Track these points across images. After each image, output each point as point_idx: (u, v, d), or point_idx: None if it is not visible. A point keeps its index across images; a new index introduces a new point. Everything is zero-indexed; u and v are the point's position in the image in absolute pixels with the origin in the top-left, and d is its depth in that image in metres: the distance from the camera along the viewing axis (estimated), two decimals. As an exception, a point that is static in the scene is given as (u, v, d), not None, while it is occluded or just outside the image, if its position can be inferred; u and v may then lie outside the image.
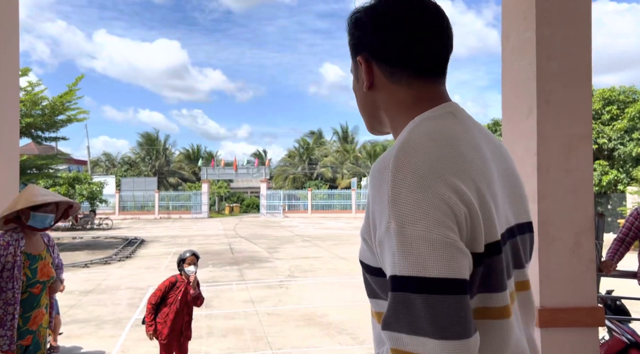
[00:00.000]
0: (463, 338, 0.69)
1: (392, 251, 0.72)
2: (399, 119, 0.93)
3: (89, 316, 7.03)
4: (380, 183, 0.77)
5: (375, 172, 0.79)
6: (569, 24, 2.32)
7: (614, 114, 20.00)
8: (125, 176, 42.53)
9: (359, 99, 1.01)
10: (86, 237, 20.43)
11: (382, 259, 0.77)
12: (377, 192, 0.77)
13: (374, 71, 0.95)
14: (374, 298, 0.88)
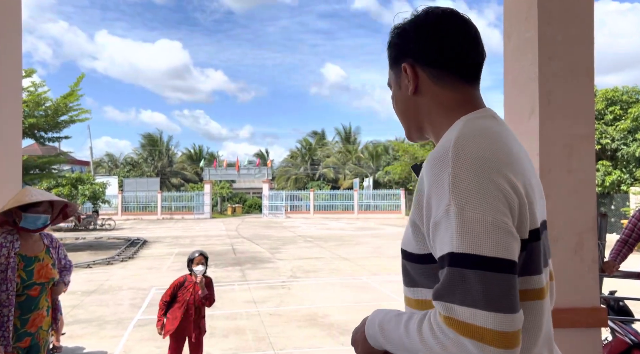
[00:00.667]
0: (510, 312, 0.77)
1: (451, 231, 0.81)
2: (442, 122, 1.00)
3: (91, 317, 7.05)
4: (439, 170, 0.85)
5: (433, 161, 0.87)
6: (571, 23, 2.32)
7: (617, 114, 19.94)
8: (127, 176, 42.61)
9: (401, 105, 1.08)
10: (89, 237, 20.47)
11: (434, 241, 0.85)
12: (435, 179, 0.85)
13: (419, 76, 1.02)
14: (413, 286, 0.97)
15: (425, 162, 0.90)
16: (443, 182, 0.83)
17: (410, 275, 0.96)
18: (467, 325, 0.77)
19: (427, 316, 0.85)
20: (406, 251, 0.95)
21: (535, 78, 2.32)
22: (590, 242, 2.32)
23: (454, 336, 0.78)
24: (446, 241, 0.82)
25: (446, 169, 0.84)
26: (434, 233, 0.84)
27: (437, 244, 0.84)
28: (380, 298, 8.06)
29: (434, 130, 1.03)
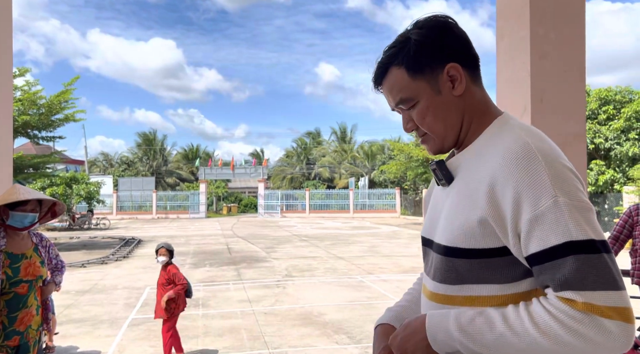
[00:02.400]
0: (624, 288, 0.84)
1: (564, 221, 0.84)
2: (483, 121, 1.04)
3: (85, 316, 7.02)
4: (529, 166, 0.88)
5: (516, 158, 0.90)
6: (563, 23, 2.33)
7: (611, 114, 20.05)
8: (122, 176, 42.45)
9: (443, 111, 1.04)
10: (83, 237, 20.38)
11: (530, 235, 0.87)
12: (526, 175, 0.88)
13: (464, 76, 1.03)
14: (460, 283, 0.98)
15: (501, 160, 0.92)
16: (539, 177, 0.87)
17: (458, 272, 0.98)
18: (605, 308, 0.80)
19: (542, 307, 0.84)
20: (460, 248, 0.96)
21: (527, 77, 2.33)
22: (581, 240, 2.34)
23: (590, 321, 0.80)
24: (560, 231, 0.84)
25: (538, 164, 0.88)
26: (531, 227, 0.86)
27: (540, 237, 0.85)
28: (375, 297, 8.08)
29: (475, 131, 1.05)
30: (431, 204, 1.15)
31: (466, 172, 1.01)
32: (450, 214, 1.01)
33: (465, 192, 0.98)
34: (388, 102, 1.10)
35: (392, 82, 1.06)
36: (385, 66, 1.07)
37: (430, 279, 1.07)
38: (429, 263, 1.10)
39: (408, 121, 1.07)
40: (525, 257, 0.90)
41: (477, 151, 1.02)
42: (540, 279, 0.89)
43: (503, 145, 0.94)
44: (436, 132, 1.05)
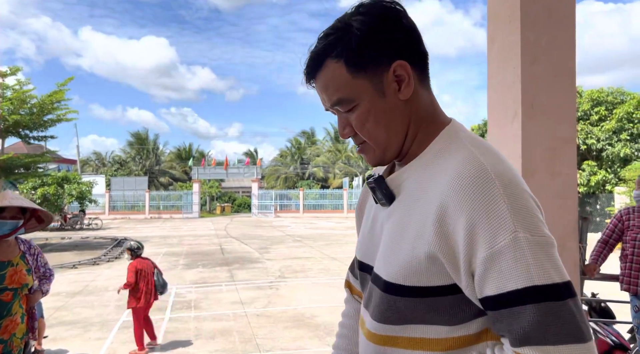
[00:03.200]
0: (591, 338, 0.71)
1: (525, 262, 0.71)
2: (429, 131, 0.89)
3: (76, 318, 6.96)
4: (483, 195, 0.74)
5: (470, 185, 0.75)
6: (554, 28, 2.33)
7: (603, 115, 20.20)
8: (115, 175, 42.21)
9: (386, 117, 0.87)
10: (75, 237, 20.24)
11: (485, 276, 0.74)
12: (481, 203, 0.74)
13: (411, 76, 0.87)
14: (403, 323, 0.85)
15: (452, 185, 0.77)
16: (497, 207, 0.73)
17: (400, 311, 0.84)
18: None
19: None
20: (403, 285, 0.82)
21: (518, 81, 2.33)
22: (571, 245, 2.34)
23: None
24: (519, 274, 0.71)
25: (496, 191, 0.74)
26: (487, 267, 0.73)
27: (496, 279, 0.73)
28: (368, 298, 8.07)
29: (421, 141, 0.89)
30: (369, 222, 0.99)
31: (410, 194, 0.86)
32: (392, 243, 0.86)
33: (409, 220, 0.83)
34: (322, 101, 0.92)
35: (327, 78, 0.87)
36: (320, 58, 0.88)
37: (369, 315, 0.92)
38: (367, 295, 0.95)
39: (345, 126, 0.90)
40: (480, 299, 0.77)
41: (422, 168, 0.87)
42: (497, 327, 0.77)
43: (454, 165, 0.80)
44: (377, 141, 0.88)
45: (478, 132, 25.73)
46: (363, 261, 1.00)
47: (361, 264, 1.01)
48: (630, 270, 3.28)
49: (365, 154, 0.92)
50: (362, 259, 1.00)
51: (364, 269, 0.99)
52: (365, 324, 0.94)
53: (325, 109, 0.93)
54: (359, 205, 1.13)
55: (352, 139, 0.93)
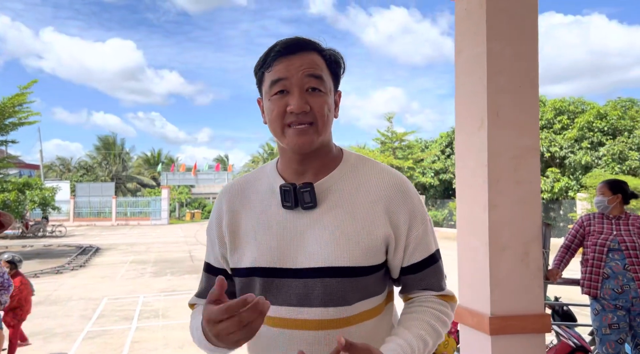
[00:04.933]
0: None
1: (431, 235, 1.13)
2: (331, 144, 1.15)
3: (37, 329, 6.71)
4: (413, 194, 1.11)
5: (404, 188, 1.10)
6: (517, 40, 2.41)
7: (565, 123, 20.94)
8: (81, 181, 40.96)
9: (329, 125, 1.08)
10: (37, 245, 19.53)
11: (416, 246, 1.09)
12: (413, 201, 1.10)
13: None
14: (367, 297, 1.06)
15: (391, 187, 1.09)
16: (419, 202, 1.11)
17: (357, 290, 1.04)
18: (453, 296, 1.16)
19: (438, 308, 1.11)
20: (365, 266, 1.03)
21: (484, 91, 2.39)
22: (535, 250, 2.41)
23: (452, 306, 1.15)
24: (430, 242, 1.12)
25: (415, 192, 1.12)
26: (419, 240, 1.09)
27: (423, 248, 1.10)
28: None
29: (327, 150, 1.12)
30: (273, 229, 1.07)
31: (345, 196, 1.07)
32: (342, 235, 1.02)
33: (355, 215, 1.05)
34: (294, 67, 1.03)
35: (318, 60, 1.06)
36: (318, 48, 1.07)
37: (310, 309, 1.02)
38: (298, 293, 1.03)
39: (306, 102, 1.02)
40: (406, 266, 1.10)
41: (345, 177, 1.10)
42: (421, 284, 1.13)
43: (381, 175, 1.10)
44: (323, 128, 1.05)
45: (446, 139, 26.22)
46: (276, 266, 1.05)
47: (269, 270, 1.05)
48: (591, 274, 3.40)
49: (304, 136, 1.03)
50: (272, 265, 1.05)
51: (276, 274, 1.05)
52: (307, 319, 1.02)
53: (288, 76, 1.02)
54: (231, 223, 1.13)
55: (296, 116, 1.02)
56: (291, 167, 1.11)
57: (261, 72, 1.09)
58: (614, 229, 3.40)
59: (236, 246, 1.11)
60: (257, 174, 1.20)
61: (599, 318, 3.37)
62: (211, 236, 1.18)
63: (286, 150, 1.09)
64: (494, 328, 2.30)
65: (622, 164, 19.01)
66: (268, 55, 1.06)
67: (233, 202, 1.15)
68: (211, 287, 1.10)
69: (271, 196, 1.11)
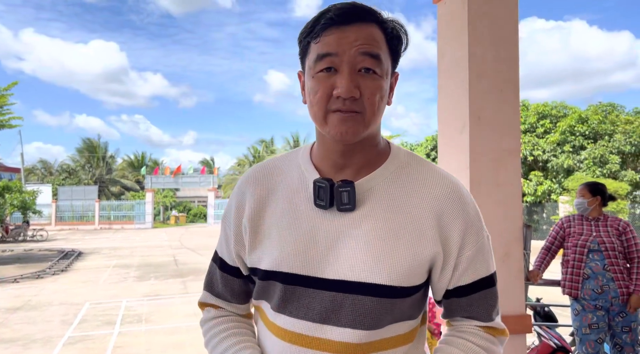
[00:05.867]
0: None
1: (489, 255, 0.96)
2: (379, 137, 0.98)
3: (16, 335, 6.56)
4: (470, 205, 0.94)
5: (460, 197, 0.93)
6: (499, 44, 2.45)
7: (547, 127, 21.26)
8: (63, 184, 40.33)
9: (379, 114, 0.91)
10: (17, 250, 19.13)
11: (468, 267, 0.93)
12: (469, 213, 0.93)
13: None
14: (401, 321, 0.92)
15: (444, 196, 0.92)
16: (477, 215, 0.95)
17: (393, 313, 0.90)
18: (504, 330, 1.01)
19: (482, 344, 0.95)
20: (403, 287, 0.88)
21: (466, 95, 2.42)
22: (516, 252, 2.44)
23: (500, 341, 0.99)
24: (488, 264, 0.96)
25: (473, 203, 0.96)
26: (472, 260, 0.93)
27: (472, 270, 0.94)
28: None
29: (374, 143, 0.95)
30: (303, 230, 0.92)
31: (388, 201, 0.91)
32: (383, 248, 0.88)
33: (400, 226, 0.89)
34: (348, 41, 0.86)
35: (376, 35, 0.88)
36: (379, 19, 0.89)
37: (339, 328, 0.88)
38: (321, 307, 0.89)
39: (356, 86, 0.86)
40: (452, 288, 0.95)
41: (392, 178, 0.94)
42: (466, 310, 0.97)
43: (435, 180, 0.93)
44: (373, 118, 0.89)
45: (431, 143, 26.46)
46: (301, 273, 0.90)
47: (296, 277, 0.90)
48: (572, 275, 3.45)
49: (349, 123, 0.87)
50: (295, 271, 0.90)
51: (301, 282, 0.90)
52: (330, 339, 0.88)
53: (336, 52, 0.86)
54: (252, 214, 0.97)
55: (342, 102, 0.86)
56: (330, 159, 0.94)
57: (306, 42, 0.90)
58: (593, 231, 3.46)
59: (256, 243, 0.96)
60: (288, 160, 1.01)
61: (579, 318, 3.42)
62: (227, 229, 1.02)
63: (325, 138, 0.93)
64: (476, 329, 2.32)
65: (602, 167, 19.36)
66: (318, 21, 0.88)
67: (258, 189, 0.98)
68: (227, 287, 1.05)
69: (302, 190, 0.95)
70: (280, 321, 0.92)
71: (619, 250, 3.39)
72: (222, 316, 1.06)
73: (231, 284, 1.05)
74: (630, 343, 3.37)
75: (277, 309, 0.93)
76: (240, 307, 1.08)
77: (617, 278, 3.35)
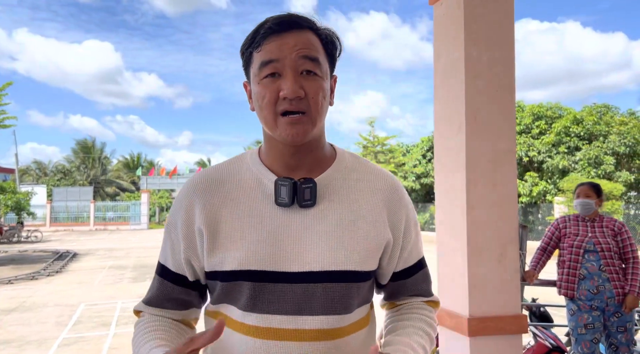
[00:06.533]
0: None
1: (421, 240, 1.10)
2: (324, 138, 1.06)
3: (11, 337, 6.53)
4: (407, 197, 1.08)
5: (400, 190, 1.06)
6: (494, 45, 2.45)
7: (543, 128, 21.35)
8: (58, 185, 40.15)
9: (324, 113, 0.98)
10: (12, 251, 19.03)
11: (412, 250, 1.07)
12: (408, 204, 1.07)
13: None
14: (363, 304, 1.02)
15: (389, 189, 1.04)
16: (412, 205, 1.08)
17: (357, 297, 0.98)
18: (438, 302, 1.14)
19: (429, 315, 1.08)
20: (362, 271, 0.96)
21: (462, 96, 2.43)
22: (512, 252, 2.45)
23: (436, 313, 1.13)
24: (421, 247, 1.10)
25: (407, 193, 1.09)
26: (414, 243, 1.07)
27: (414, 252, 1.08)
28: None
29: (321, 144, 1.02)
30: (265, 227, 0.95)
31: (345, 195, 0.99)
32: (342, 237, 0.95)
33: (361, 215, 0.98)
34: (288, 47, 0.92)
35: (313, 41, 0.95)
36: (314, 26, 0.97)
37: (309, 317, 0.93)
38: (294, 299, 0.93)
39: (300, 86, 0.92)
40: (399, 270, 1.07)
41: (345, 173, 1.02)
42: (412, 289, 1.10)
43: (380, 175, 1.06)
44: (318, 116, 0.95)
45: (427, 144, 26.49)
46: (269, 269, 0.93)
47: (265, 274, 0.93)
48: (568, 275, 3.46)
49: (297, 126, 0.93)
50: (263, 268, 0.93)
51: (270, 279, 0.93)
52: (304, 329, 0.92)
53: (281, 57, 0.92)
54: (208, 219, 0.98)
55: (289, 102, 0.91)
56: (282, 160, 0.99)
57: (249, 52, 0.96)
58: (589, 231, 3.48)
59: (216, 246, 0.96)
60: (235, 165, 1.04)
61: (575, 318, 3.44)
62: (173, 237, 1.02)
63: (276, 141, 0.98)
64: (473, 329, 2.33)
65: (597, 168, 19.46)
66: (257, 32, 0.94)
67: (209, 197, 0.99)
68: (164, 294, 1.03)
69: (258, 191, 0.98)
70: (251, 320, 0.94)
71: (615, 251, 3.40)
72: (154, 318, 1.05)
73: (170, 292, 1.04)
74: (625, 343, 3.39)
75: (246, 309, 0.94)
76: (175, 313, 1.06)
77: (613, 278, 3.36)
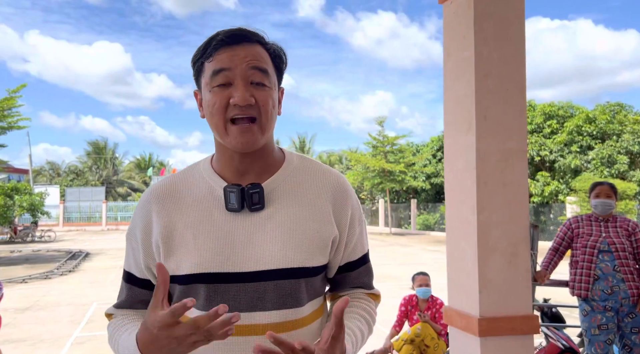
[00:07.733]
0: None
1: (366, 236, 1.17)
2: (273, 145, 1.12)
3: (25, 336, 6.62)
4: (353, 194, 1.13)
5: (347, 188, 1.12)
6: (505, 44, 2.44)
7: (554, 128, 21.15)
8: (70, 185, 40.63)
9: (272, 121, 1.04)
10: (26, 250, 19.30)
11: (355, 246, 1.12)
12: (354, 201, 1.12)
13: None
14: (315, 297, 1.07)
15: (335, 187, 1.09)
16: (358, 202, 1.15)
17: (307, 291, 1.04)
18: (379, 296, 1.22)
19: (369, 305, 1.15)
20: (315, 267, 1.03)
21: (472, 95, 2.41)
22: (523, 252, 2.43)
23: (376, 306, 1.20)
24: (365, 243, 1.16)
25: (354, 192, 1.15)
26: (357, 239, 1.12)
27: (360, 246, 1.14)
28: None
29: (270, 149, 1.08)
30: (215, 232, 1.00)
31: (292, 196, 1.05)
32: (293, 236, 1.00)
33: (305, 215, 1.03)
34: (238, 58, 0.97)
35: (262, 53, 1.01)
36: (263, 40, 1.03)
37: (265, 312, 0.97)
38: (243, 297, 0.97)
39: (251, 94, 0.97)
40: (343, 264, 1.12)
41: (290, 177, 1.07)
42: (356, 281, 1.15)
43: (327, 175, 1.10)
44: (267, 124, 1.00)
45: (437, 143, 26.38)
46: (222, 271, 0.98)
47: (218, 276, 0.98)
48: (581, 276, 3.43)
49: (247, 134, 0.98)
50: (217, 270, 0.98)
51: (224, 279, 0.97)
52: (259, 323, 0.97)
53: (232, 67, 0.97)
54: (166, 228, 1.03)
55: (240, 109, 0.96)
56: (232, 166, 1.04)
57: (200, 63, 1.01)
58: (602, 231, 3.44)
59: (172, 252, 1.01)
60: (189, 174, 1.11)
61: (588, 319, 3.40)
62: (134, 244, 1.09)
63: (226, 148, 1.03)
64: (483, 330, 2.31)
65: (610, 167, 19.22)
66: (209, 44, 0.99)
67: (164, 206, 1.05)
68: (134, 298, 1.09)
69: (210, 198, 1.03)
70: None
71: (629, 251, 3.37)
72: (127, 316, 1.10)
73: (139, 295, 1.10)
74: (639, 344, 3.35)
75: (204, 309, 0.97)
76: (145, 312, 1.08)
77: (628, 278, 3.32)
